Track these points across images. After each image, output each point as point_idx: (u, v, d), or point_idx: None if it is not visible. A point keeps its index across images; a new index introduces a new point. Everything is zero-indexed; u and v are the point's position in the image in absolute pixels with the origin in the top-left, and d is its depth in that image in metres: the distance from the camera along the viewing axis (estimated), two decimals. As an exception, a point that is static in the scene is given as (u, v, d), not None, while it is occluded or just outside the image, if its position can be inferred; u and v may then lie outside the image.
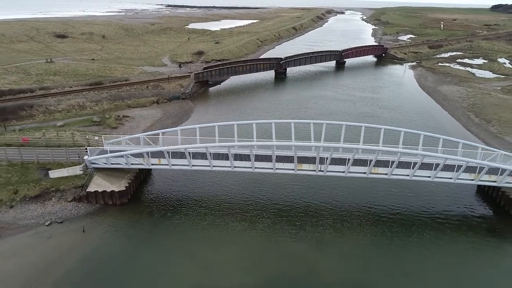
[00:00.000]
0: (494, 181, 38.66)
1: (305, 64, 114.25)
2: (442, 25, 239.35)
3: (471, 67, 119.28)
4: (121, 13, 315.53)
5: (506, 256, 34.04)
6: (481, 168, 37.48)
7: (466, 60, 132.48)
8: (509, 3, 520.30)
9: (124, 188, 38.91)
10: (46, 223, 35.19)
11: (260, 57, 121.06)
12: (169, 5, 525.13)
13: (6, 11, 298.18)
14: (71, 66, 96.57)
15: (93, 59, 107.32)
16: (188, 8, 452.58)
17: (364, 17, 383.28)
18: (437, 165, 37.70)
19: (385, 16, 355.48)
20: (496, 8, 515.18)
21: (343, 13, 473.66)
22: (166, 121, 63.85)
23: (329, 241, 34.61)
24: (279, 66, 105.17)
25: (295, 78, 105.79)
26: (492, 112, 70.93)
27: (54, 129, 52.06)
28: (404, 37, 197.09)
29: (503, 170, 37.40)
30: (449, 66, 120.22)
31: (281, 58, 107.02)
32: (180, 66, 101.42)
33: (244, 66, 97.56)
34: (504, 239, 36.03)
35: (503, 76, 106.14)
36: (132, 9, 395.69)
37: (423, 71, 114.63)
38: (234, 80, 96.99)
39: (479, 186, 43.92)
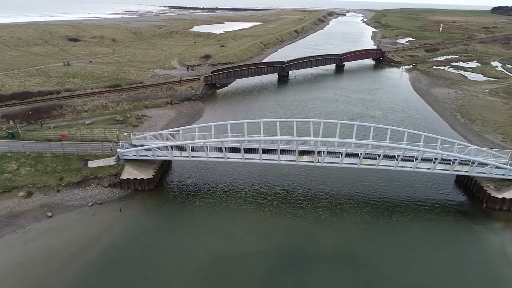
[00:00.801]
0: (466, 171, 45.45)
1: (306, 68, 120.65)
2: (441, 28, 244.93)
3: (464, 70, 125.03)
4: (126, 16, 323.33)
5: (473, 233, 40.80)
6: (455, 160, 44.18)
7: (460, 63, 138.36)
8: (509, 5, 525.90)
9: (151, 176, 45.80)
10: (89, 204, 42.13)
11: (264, 61, 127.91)
12: (172, 7, 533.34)
13: (15, 13, 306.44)
14: (87, 69, 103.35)
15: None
16: (191, 10, 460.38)
17: (365, 20, 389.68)
18: (418, 157, 44.42)
19: (385, 18, 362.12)
20: (496, 10, 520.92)
21: (344, 15, 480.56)
22: (180, 120, 70.68)
23: (325, 219, 41.45)
24: (282, 70, 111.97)
25: (297, 81, 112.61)
26: (477, 113, 77.47)
27: (84, 127, 59.09)
28: (403, 40, 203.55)
29: (473, 162, 44.21)
30: (443, 69, 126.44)
31: (284, 62, 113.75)
32: (192, 69, 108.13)
33: (250, 70, 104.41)
34: (473, 220, 42.75)
35: (493, 79, 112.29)
36: (136, 11, 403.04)
37: (418, 74, 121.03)
38: (240, 83, 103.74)
39: (457, 177, 50.75)
